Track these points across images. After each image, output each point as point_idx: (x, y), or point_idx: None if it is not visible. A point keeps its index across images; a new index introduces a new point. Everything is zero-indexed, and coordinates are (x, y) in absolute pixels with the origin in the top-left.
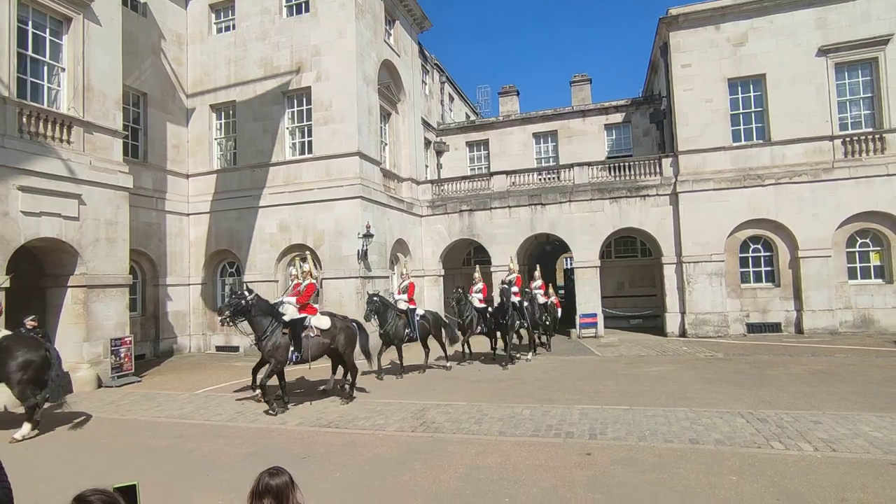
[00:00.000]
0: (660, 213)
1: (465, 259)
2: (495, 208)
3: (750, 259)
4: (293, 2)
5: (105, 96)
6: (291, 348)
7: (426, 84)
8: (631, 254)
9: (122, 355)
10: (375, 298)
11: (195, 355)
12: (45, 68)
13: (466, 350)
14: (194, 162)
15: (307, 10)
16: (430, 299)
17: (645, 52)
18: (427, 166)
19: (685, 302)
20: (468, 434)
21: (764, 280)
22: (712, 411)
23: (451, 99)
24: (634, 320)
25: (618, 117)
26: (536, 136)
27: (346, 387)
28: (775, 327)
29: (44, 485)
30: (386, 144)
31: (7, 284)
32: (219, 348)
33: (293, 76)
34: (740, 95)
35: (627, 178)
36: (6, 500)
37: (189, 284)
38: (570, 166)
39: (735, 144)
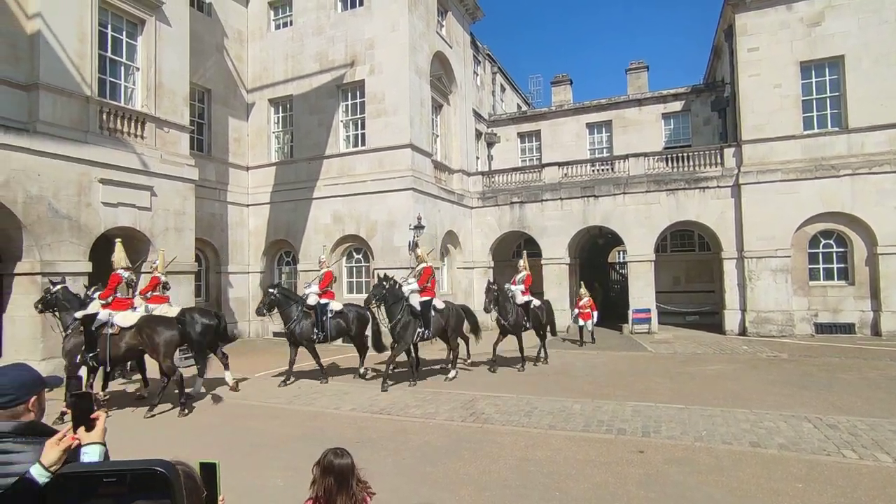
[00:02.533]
0: (720, 205)
1: (515, 251)
2: (546, 200)
3: (820, 255)
4: None
5: (174, 93)
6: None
7: (477, 75)
8: (688, 248)
9: None
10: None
11: (254, 340)
12: (122, 68)
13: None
14: (254, 155)
15: (361, 3)
16: (480, 292)
17: (707, 37)
18: (478, 158)
19: (746, 299)
20: (518, 426)
21: (836, 277)
22: (775, 414)
23: (503, 89)
24: (690, 317)
25: (676, 106)
26: (590, 126)
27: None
28: (848, 328)
29: (115, 455)
30: (437, 136)
31: (90, 270)
32: (276, 334)
33: (347, 70)
34: (814, 80)
35: (686, 169)
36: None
37: (249, 272)
38: (625, 157)
39: (806, 133)
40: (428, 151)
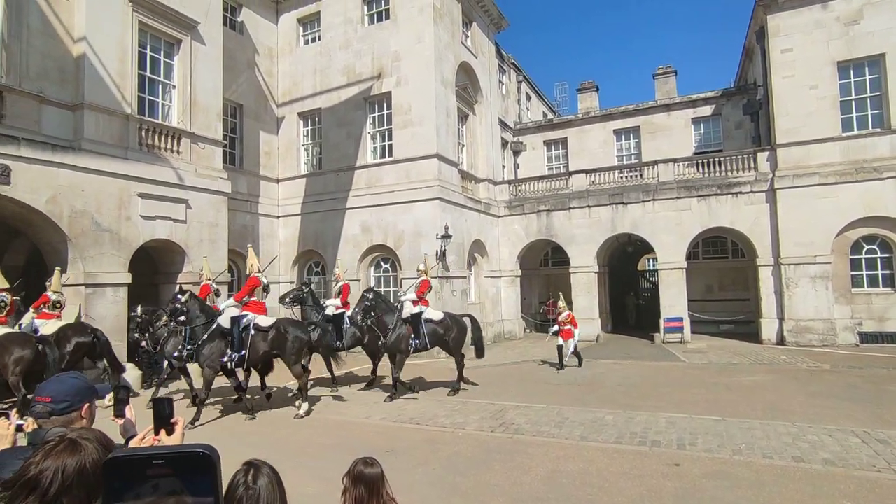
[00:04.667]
0: (754, 211)
1: (543, 260)
2: (574, 208)
3: (863, 261)
4: (374, 10)
5: (208, 110)
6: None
7: (503, 84)
8: (720, 255)
9: None
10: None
11: None
12: (160, 86)
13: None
14: (284, 167)
15: (387, 17)
16: (507, 300)
17: (737, 39)
18: (504, 166)
19: (784, 307)
20: (548, 437)
21: (881, 284)
22: (818, 427)
23: (528, 98)
24: (724, 325)
25: (706, 110)
26: (617, 132)
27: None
28: (895, 338)
29: None
30: (463, 146)
31: (129, 281)
32: None
33: (374, 82)
34: (852, 80)
35: (717, 174)
36: None
37: (279, 282)
38: (654, 163)
39: (846, 134)
40: (454, 161)
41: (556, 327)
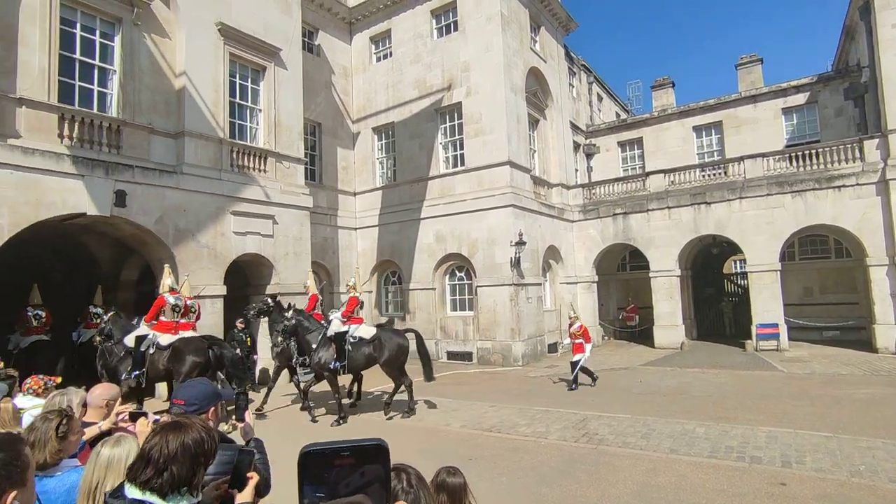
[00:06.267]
0: (861, 205)
1: (620, 265)
2: (653, 210)
3: None
4: (443, 23)
5: (291, 130)
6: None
7: (573, 86)
8: (821, 255)
9: None
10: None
11: None
12: (248, 111)
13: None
14: (360, 181)
15: (456, 29)
16: (584, 307)
17: (832, 19)
18: (577, 170)
19: None
20: (635, 449)
21: None
22: None
23: (600, 99)
24: (828, 332)
25: (799, 99)
26: (697, 129)
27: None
28: None
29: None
30: (535, 151)
31: (225, 293)
32: None
33: (444, 93)
34: None
35: (815, 167)
36: (266, 476)
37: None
38: (740, 159)
39: None
40: (526, 167)
41: (567, 340)
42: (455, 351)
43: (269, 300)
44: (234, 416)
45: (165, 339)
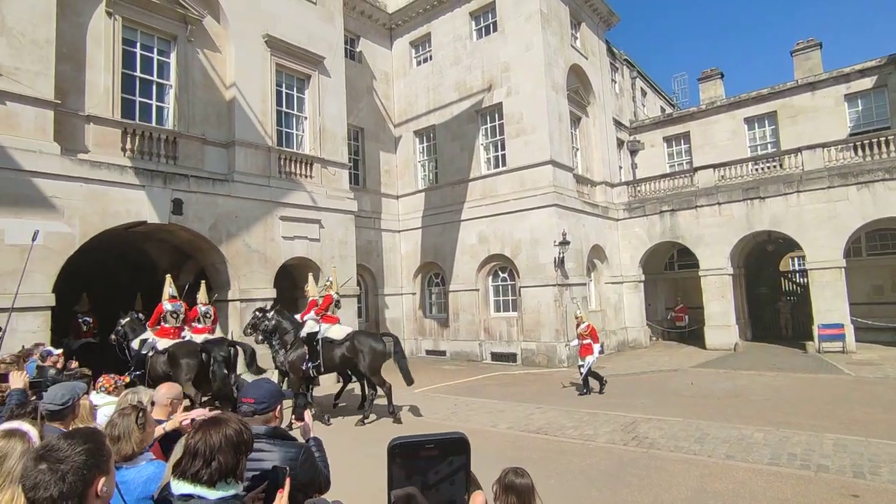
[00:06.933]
0: None
1: (668, 263)
2: (701, 206)
3: None
4: (482, 24)
5: (335, 136)
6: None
7: (616, 82)
8: (892, 250)
9: None
10: (258, 314)
11: (409, 358)
12: (294, 119)
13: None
14: (402, 184)
15: (495, 29)
16: (631, 307)
17: None
18: (621, 167)
19: None
20: (688, 454)
21: None
22: None
23: (644, 94)
24: None
25: (865, 83)
26: (748, 120)
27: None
28: None
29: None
30: (577, 149)
31: (274, 296)
32: (428, 352)
33: (485, 94)
34: None
35: (885, 156)
36: (326, 473)
37: (402, 294)
38: (798, 150)
39: None
40: (569, 166)
41: (575, 341)
42: (499, 352)
43: (257, 311)
44: (293, 416)
45: (163, 343)
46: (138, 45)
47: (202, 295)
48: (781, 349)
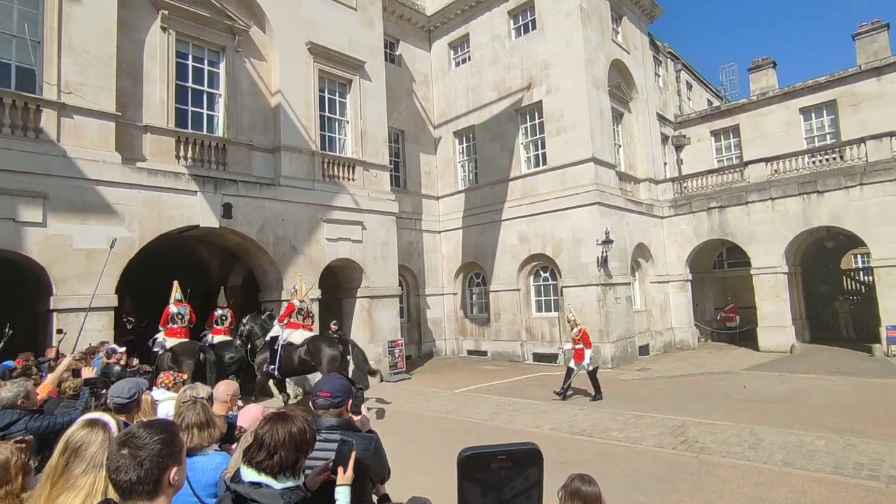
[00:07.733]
0: None
1: (717, 262)
2: (753, 202)
3: None
4: (521, 22)
5: (376, 139)
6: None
7: (659, 76)
8: None
9: (396, 355)
10: (244, 320)
11: (450, 358)
12: (336, 123)
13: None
14: (442, 185)
15: (534, 27)
16: (677, 307)
17: None
18: (665, 164)
19: None
20: (741, 459)
21: None
22: None
23: (689, 87)
24: None
25: None
26: (804, 111)
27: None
28: None
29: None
30: (619, 146)
31: (320, 296)
32: (469, 352)
33: (524, 93)
34: None
35: None
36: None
37: (443, 294)
38: (861, 141)
39: None
40: (611, 163)
41: (569, 345)
42: (541, 353)
43: (244, 320)
44: (350, 410)
45: (169, 342)
46: (190, 57)
47: (221, 299)
48: (844, 352)
